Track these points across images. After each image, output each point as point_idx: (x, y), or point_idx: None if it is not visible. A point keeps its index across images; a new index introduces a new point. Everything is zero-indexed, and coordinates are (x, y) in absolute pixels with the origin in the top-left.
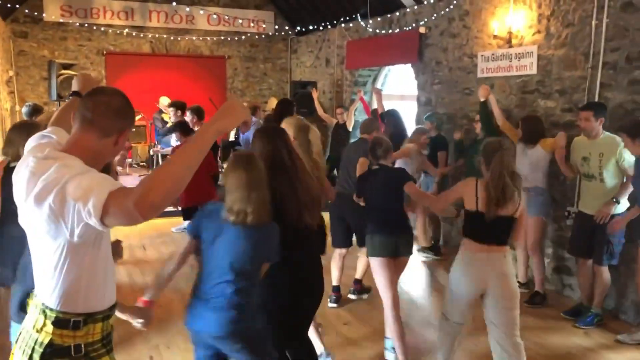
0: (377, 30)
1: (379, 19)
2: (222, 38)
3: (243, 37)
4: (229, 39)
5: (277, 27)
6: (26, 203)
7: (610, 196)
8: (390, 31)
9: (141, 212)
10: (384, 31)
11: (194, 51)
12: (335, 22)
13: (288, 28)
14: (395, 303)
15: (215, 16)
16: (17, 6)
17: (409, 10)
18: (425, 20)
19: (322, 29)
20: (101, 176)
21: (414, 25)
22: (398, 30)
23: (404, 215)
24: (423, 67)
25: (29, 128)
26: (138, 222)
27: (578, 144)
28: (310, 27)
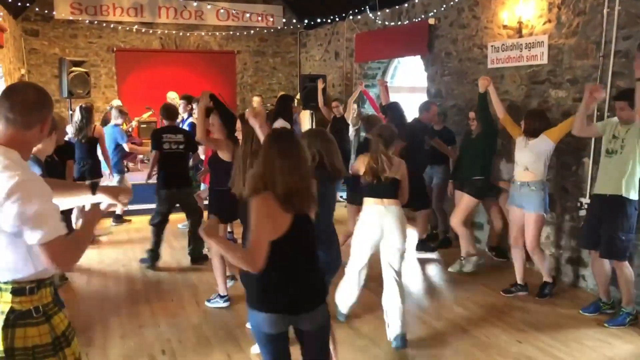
0: (386, 22)
1: (388, 11)
2: (231, 33)
3: (252, 32)
4: (237, 33)
5: (285, 20)
6: None
7: (626, 171)
8: (399, 23)
9: (61, 268)
10: (393, 23)
11: (204, 47)
12: (344, 14)
13: (297, 22)
14: None
15: (224, 11)
16: (28, 5)
17: (417, 1)
18: (435, 11)
19: (330, 22)
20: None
21: (423, 16)
22: (407, 21)
23: None
24: (432, 59)
25: None
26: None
27: (611, 125)
28: (319, 20)
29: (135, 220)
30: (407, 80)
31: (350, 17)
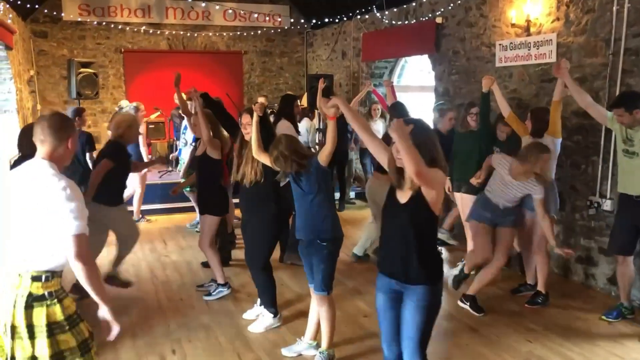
0: (393, 22)
1: (395, 10)
2: (238, 33)
3: (259, 32)
4: (245, 34)
5: (292, 20)
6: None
7: None
8: (406, 22)
9: (81, 260)
10: (400, 22)
11: (211, 47)
12: (350, 14)
13: (304, 21)
14: None
15: (231, 11)
16: (37, 6)
17: (425, 0)
18: (442, 10)
19: (337, 21)
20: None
21: (430, 15)
22: (414, 21)
23: None
24: (440, 58)
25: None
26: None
27: (622, 133)
28: (326, 20)
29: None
30: (417, 79)
31: (357, 17)
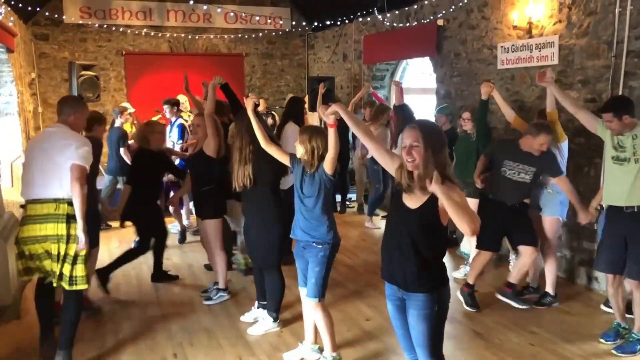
0: (395, 24)
1: (396, 12)
2: (240, 36)
3: (260, 34)
4: (246, 36)
5: (293, 23)
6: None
7: None
8: (407, 24)
9: (76, 186)
10: (401, 24)
11: (212, 49)
12: (352, 16)
13: (305, 24)
14: None
15: (232, 14)
16: (38, 9)
17: (426, 2)
18: (443, 12)
19: (339, 24)
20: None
21: (431, 17)
22: (415, 23)
23: None
24: (441, 60)
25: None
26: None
27: (613, 139)
28: (327, 23)
29: None
30: (419, 82)
31: (359, 19)
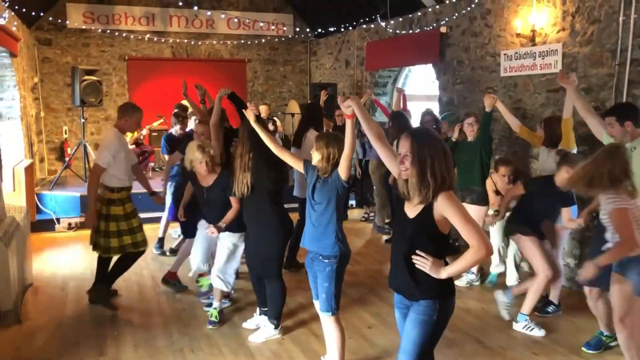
0: (397, 31)
1: (399, 19)
2: (242, 41)
3: (263, 40)
4: (249, 42)
5: (296, 29)
6: None
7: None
8: (410, 31)
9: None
10: (404, 31)
11: (215, 55)
12: (354, 23)
13: (307, 30)
14: None
15: (236, 20)
16: (42, 14)
17: (429, 10)
18: (446, 19)
19: (341, 30)
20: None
21: (434, 25)
22: (418, 30)
23: None
24: (444, 67)
25: None
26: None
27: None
28: (330, 29)
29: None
30: (419, 89)
31: (362, 26)
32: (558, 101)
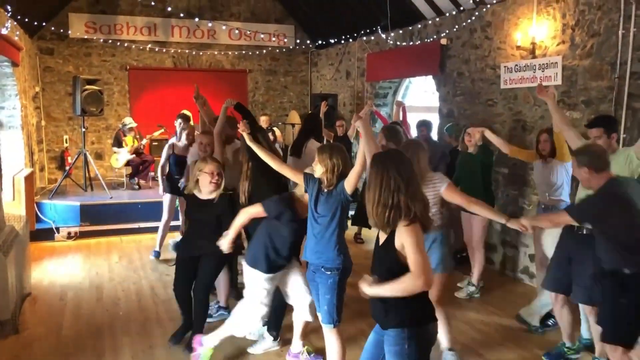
0: (398, 43)
1: (400, 31)
2: (244, 52)
3: (264, 51)
4: (250, 53)
5: (297, 40)
6: None
7: None
8: (411, 43)
9: None
10: (404, 43)
11: (216, 65)
12: (355, 34)
13: (309, 41)
14: None
15: (237, 31)
16: (44, 24)
17: (430, 22)
18: (447, 31)
19: (342, 42)
20: None
21: (435, 37)
22: (419, 42)
23: None
24: (444, 79)
25: None
26: None
27: None
28: (331, 41)
29: (146, 238)
30: (419, 100)
31: (362, 37)
32: None
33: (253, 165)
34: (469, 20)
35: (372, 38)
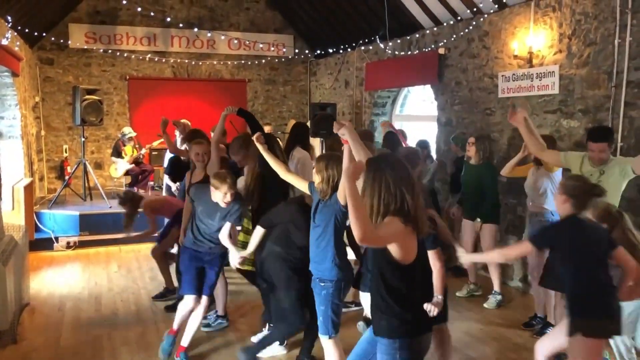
0: (396, 52)
1: (398, 41)
2: (243, 62)
3: (263, 61)
4: (249, 62)
5: (296, 50)
6: None
7: None
8: (409, 52)
9: None
10: (402, 53)
11: (215, 75)
12: (354, 44)
13: (307, 51)
14: None
15: (236, 41)
16: (44, 34)
17: (428, 31)
18: (445, 41)
19: (341, 51)
20: None
21: (433, 46)
22: (417, 51)
23: None
24: (443, 88)
25: None
26: None
27: (575, 157)
28: (330, 50)
29: (145, 248)
30: (418, 109)
31: (361, 47)
32: (555, 122)
33: (260, 171)
34: (466, 30)
35: (371, 48)
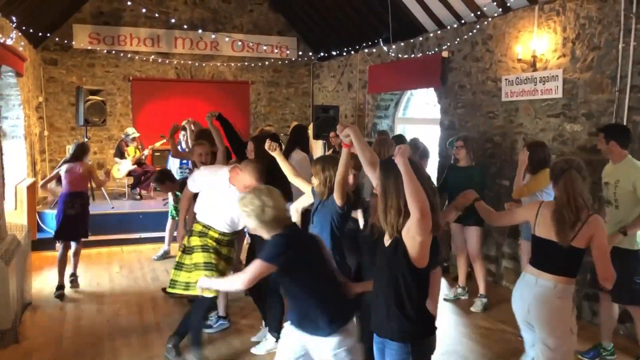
0: (400, 55)
1: (402, 44)
2: (246, 64)
3: (266, 63)
4: (252, 64)
5: (300, 52)
6: None
7: (621, 226)
8: (412, 55)
9: None
10: (406, 56)
11: (218, 77)
12: (357, 47)
13: (311, 53)
14: None
15: (240, 42)
16: (48, 35)
17: (431, 35)
18: (448, 44)
19: (344, 54)
20: None
21: (436, 49)
22: (420, 54)
23: None
24: (446, 91)
25: None
26: None
27: (605, 169)
28: (333, 53)
29: (147, 248)
30: (421, 112)
31: (364, 50)
32: (559, 126)
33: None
34: (470, 34)
35: (374, 50)
